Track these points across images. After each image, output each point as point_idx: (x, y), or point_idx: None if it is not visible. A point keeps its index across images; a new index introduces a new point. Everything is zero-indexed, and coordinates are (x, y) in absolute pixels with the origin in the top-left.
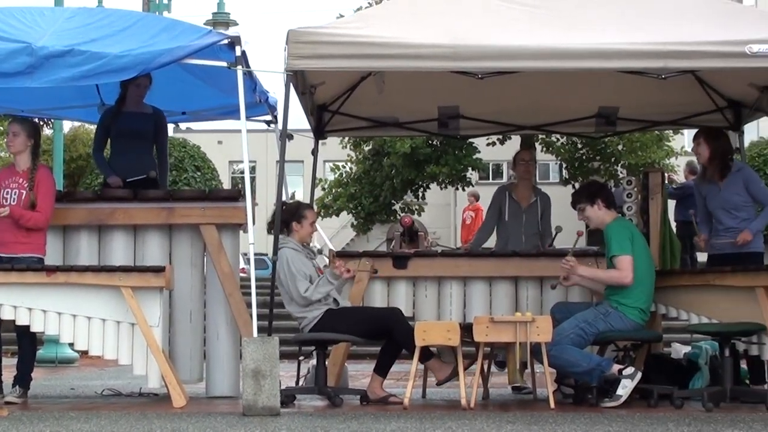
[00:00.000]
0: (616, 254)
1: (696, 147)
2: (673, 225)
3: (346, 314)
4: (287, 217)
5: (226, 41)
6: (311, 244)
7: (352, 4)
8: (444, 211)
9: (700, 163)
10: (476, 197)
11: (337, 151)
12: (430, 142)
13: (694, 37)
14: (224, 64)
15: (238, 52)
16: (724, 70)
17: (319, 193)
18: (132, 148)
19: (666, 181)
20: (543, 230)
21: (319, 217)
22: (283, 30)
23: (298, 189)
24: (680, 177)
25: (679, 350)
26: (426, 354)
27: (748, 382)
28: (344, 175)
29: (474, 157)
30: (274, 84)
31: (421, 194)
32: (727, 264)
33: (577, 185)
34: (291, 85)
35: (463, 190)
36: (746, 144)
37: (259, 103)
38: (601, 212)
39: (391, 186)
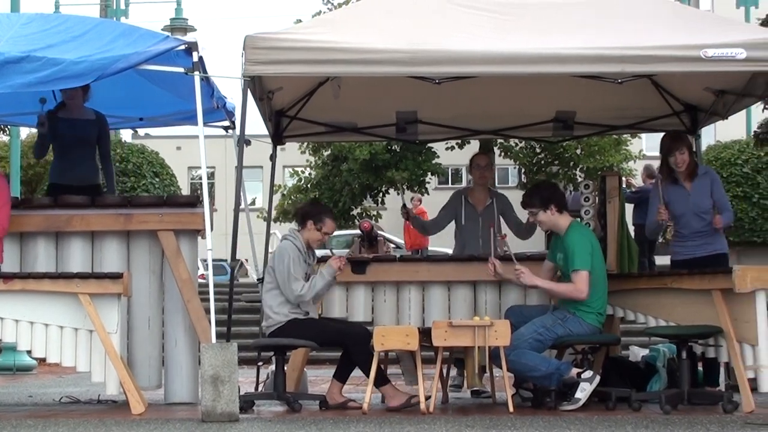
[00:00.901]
0: (578, 269)
1: (679, 155)
2: (631, 228)
3: (310, 325)
4: (309, 213)
5: (183, 47)
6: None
7: (311, 9)
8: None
9: (678, 168)
10: (420, 201)
11: (296, 156)
12: (389, 147)
13: (650, 41)
14: (181, 69)
15: (195, 58)
16: (680, 75)
17: (278, 198)
18: (75, 155)
19: (624, 185)
20: (516, 228)
21: (278, 222)
22: (240, 35)
23: (258, 194)
24: (638, 181)
25: (637, 353)
26: (381, 378)
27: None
28: (303, 181)
29: (433, 161)
30: (231, 89)
31: (380, 199)
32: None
33: None
34: (248, 90)
35: (422, 195)
36: (703, 148)
37: (217, 109)
38: (554, 217)
39: (350, 191)
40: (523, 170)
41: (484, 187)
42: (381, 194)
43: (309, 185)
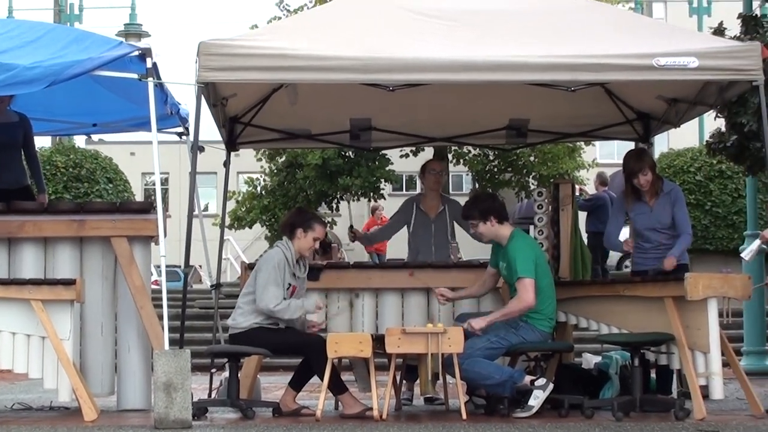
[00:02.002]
0: (522, 277)
1: (642, 177)
2: (584, 236)
3: (271, 334)
4: (297, 222)
5: (136, 53)
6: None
7: (266, 15)
8: (358, 223)
9: (643, 189)
10: (383, 208)
11: (251, 162)
12: (342, 153)
13: (602, 50)
14: (135, 75)
15: (149, 64)
16: (633, 83)
17: (232, 205)
18: (4, 159)
19: (577, 193)
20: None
21: (233, 229)
22: (195, 41)
23: (211, 201)
24: (591, 189)
25: (590, 360)
26: (340, 386)
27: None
28: (258, 188)
29: (387, 168)
30: (185, 96)
31: (335, 206)
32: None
33: None
34: (202, 97)
35: (376, 201)
36: (656, 155)
37: (171, 115)
38: (494, 228)
39: (306, 198)
40: (475, 177)
41: (437, 194)
42: (336, 201)
43: (263, 192)
